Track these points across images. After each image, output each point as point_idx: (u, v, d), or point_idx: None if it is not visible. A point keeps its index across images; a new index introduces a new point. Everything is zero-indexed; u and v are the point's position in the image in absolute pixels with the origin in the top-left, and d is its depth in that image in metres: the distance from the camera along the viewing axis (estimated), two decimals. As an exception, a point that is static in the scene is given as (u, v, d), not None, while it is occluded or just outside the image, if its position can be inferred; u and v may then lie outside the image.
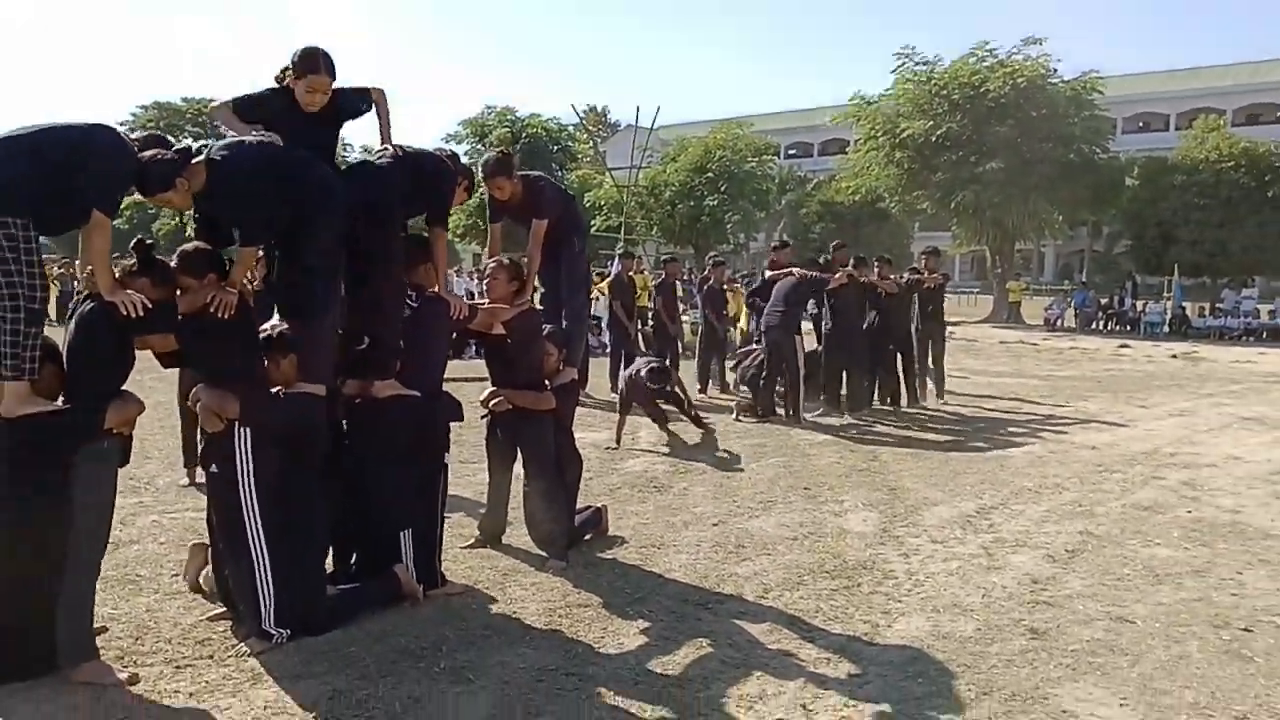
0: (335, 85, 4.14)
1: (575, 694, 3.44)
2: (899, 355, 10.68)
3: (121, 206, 3.88)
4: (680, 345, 12.52)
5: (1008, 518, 6.04)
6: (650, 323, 12.83)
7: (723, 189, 35.05)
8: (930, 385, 11.14)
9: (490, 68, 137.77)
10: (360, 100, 4.30)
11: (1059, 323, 29.31)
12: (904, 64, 29.33)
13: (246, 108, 4.10)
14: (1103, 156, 29.97)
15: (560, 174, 46.07)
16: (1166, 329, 26.51)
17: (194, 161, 3.75)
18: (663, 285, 11.97)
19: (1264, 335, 25.26)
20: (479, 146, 43.75)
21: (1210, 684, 3.60)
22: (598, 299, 12.98)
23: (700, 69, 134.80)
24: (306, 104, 4.09)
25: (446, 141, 45.79)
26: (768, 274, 10.15)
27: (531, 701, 3.37)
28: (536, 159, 42.33)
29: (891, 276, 10.57)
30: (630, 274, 11.97)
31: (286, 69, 4.09)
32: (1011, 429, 9.55)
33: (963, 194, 27.45)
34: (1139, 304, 29.35)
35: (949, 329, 11.79)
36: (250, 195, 3.78)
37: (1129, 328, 27.97)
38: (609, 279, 12.06)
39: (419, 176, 4.30)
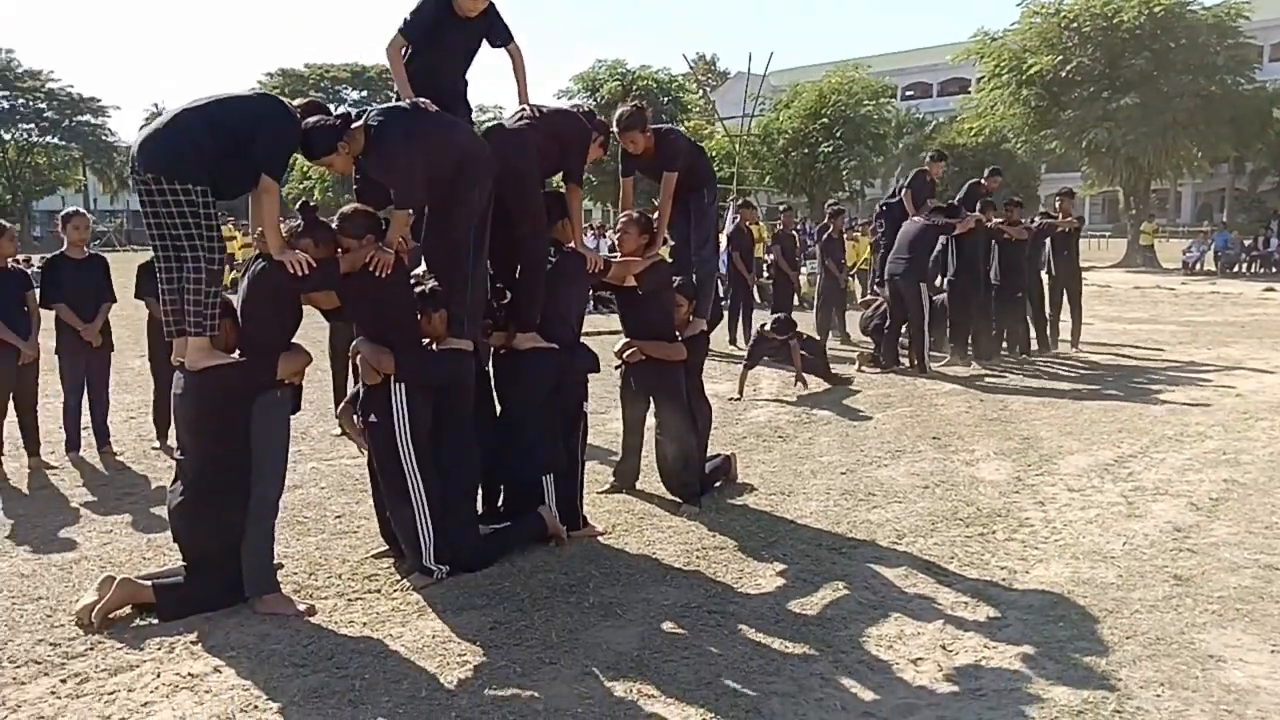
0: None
1: (719, 629, 3.60)
2: (1028, 302, 10.41)
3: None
4: (797, 296, 12.48)
5: (1147, 466, 5.91)
6: (768, 274, 12.80)
7: (838, 134, 34.35)
8: (1064, 333, 10.83)
9: (600, 21, 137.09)
10: (508, 33, 4.54)
11: (1198, 266, 27.80)
12: (1030, -3, 27.98)
13: (411, 29, 4.35)
14: (1248, 88, 28.05)
15: (671, 125, 45.92)
16: (1318, 270, 24.88)
17: (353, 127, 3.98)
18: (781, 235, 11.90)
19: None
20: (590, 101, 43.96)
21: (1369, 633, 3.52)
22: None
23: (813, 10, 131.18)
24: (467, 9, 4.32)
25: (559, 97, 46.15)
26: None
27: (678, 636, 3.55)
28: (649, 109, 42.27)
29: (1021, 221, 10.27)
30: (748, 224, 11.92)
31: None
32: (1150, 376, 9.23)
33: (1095, 132, 26.17)
34: (1287, 244, 27.59)
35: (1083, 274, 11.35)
36: (405, 159, 3.99)
37: (1275, 270, 26.35)
38: (727, 230, 12.02)
39: (557, 138, 4.45)
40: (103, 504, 5.39)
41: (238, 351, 3.91)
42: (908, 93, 58.19)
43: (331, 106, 4.35)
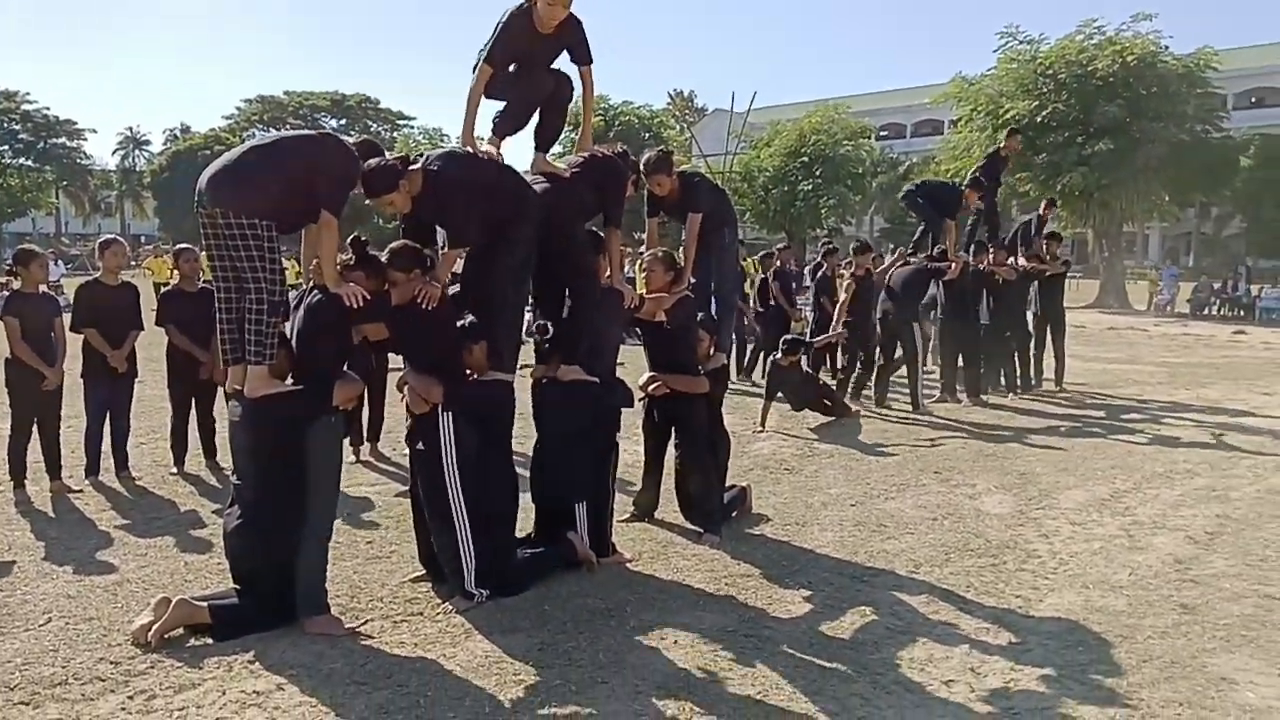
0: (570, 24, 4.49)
1: (758, 652, 3.78)
2: (1015, 342, 10.72)
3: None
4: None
5: (1142, 501, 6.16)
6: (760, 309, 13.04)
7: (817, 173, 34.92)
8: (1047, 372, 11.15)
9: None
10: (588, 54, 4.64)
11: (1169, 308, 28.51)
12: (1007, 43, 28.76)
13: (498, 49, 4.42)
14: (1216, 136, 28.96)
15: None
16: (1285, 314, 25.58)
17: (412, 169, 4.18)
18: (780, 272, 12.20)
19: (1389, 320, 24.20)
20: (571, 135, 44.36)
21: (1366, 659, 3.75)
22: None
23: (791, 50, 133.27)
24: (548, 18, 4.39)
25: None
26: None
27: (720, 658, 3.72)
28: (629, 146, 42.74)
29: (1009, 262, 10.60)
30: (741, 261, 12.19)
31: None
32: (1134, 415, 9.54)
33: (1070, 176, 26.85)
34: (1254, 289, 28.35)
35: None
36: (460, 202, 4.20)
37: (1243, 313, 27.06)
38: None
39: (601, 186, 4.69)
40: (133, 528, 5.47)
41: (292, 379, 4.06)
42: (882, 133, 59.26)
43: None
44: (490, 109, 4.75)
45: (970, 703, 3.38)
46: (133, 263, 24.05)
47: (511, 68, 4.54)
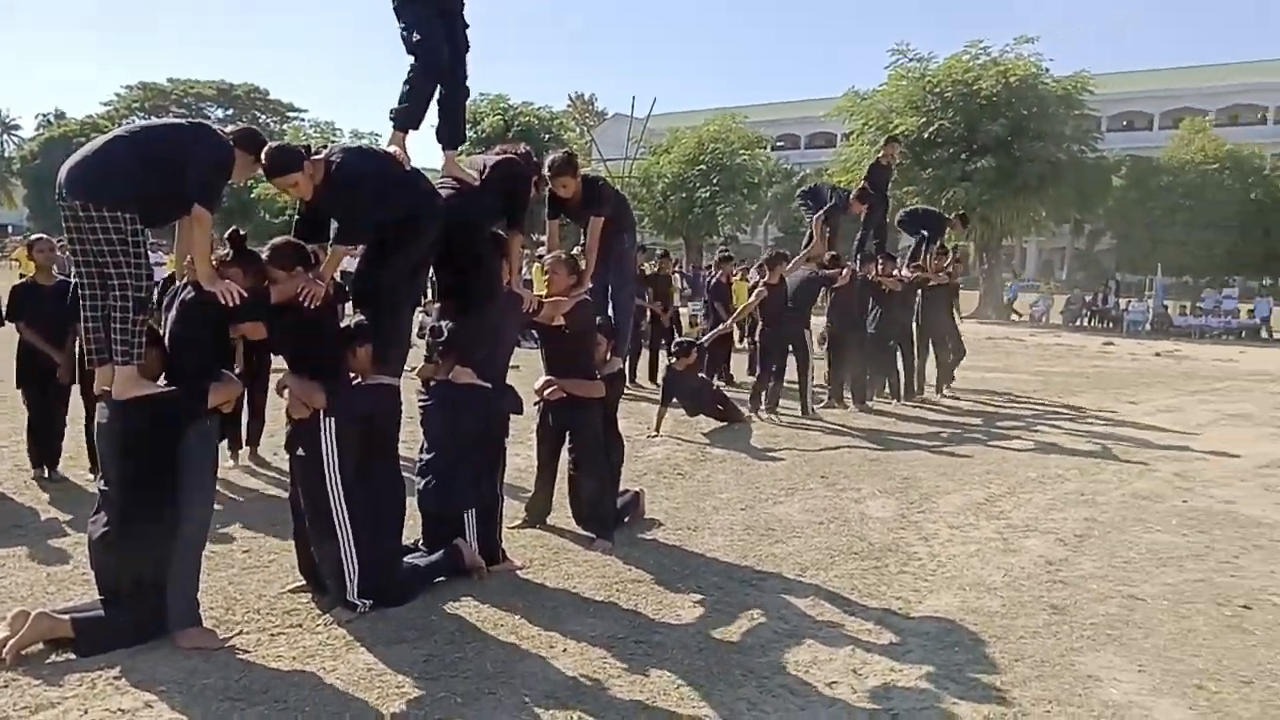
0: None
1: (647, 658, 3.78)
2: (899, 350, 11.05)
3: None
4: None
5: (1016, 505, 6.42)
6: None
7: (715, 181, 35.38)
8: (929, 379, 11.53)
9: (481, 54, 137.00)
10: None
11: (1044, 319, 29.88)
12: (898, 60, 29.74)
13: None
14: (1090, 156, 30.50)
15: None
16: (1149, 327, 27.07)
17: (316, 157, 4.05)
18: (656, 278, 12.37)
19: (1243, 334, 25.89)
20: (471, 134, 43.92)
21: (1217, 654, 3.98)
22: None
23: (691, 57, 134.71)
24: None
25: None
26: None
27: (609, 664, 3.70)
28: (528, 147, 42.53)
29: (895, 273, 10.93)
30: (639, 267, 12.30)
31: None
32: (1010, 422, 9.94)
33: (954, 190, 27.87)
34: (1122, 302, 29.93)
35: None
36: (356, 198, 4.07)
37: (1111, 325, 28.54)
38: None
39: (507, 189, 4.64)
40: (-10, 537, 5.15)
41: (165, 380, 3.88)
42: (778, 143, 60.45)
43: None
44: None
45: (853, 703, 3.45)
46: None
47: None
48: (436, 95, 4.62)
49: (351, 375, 4.28)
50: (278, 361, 5.30)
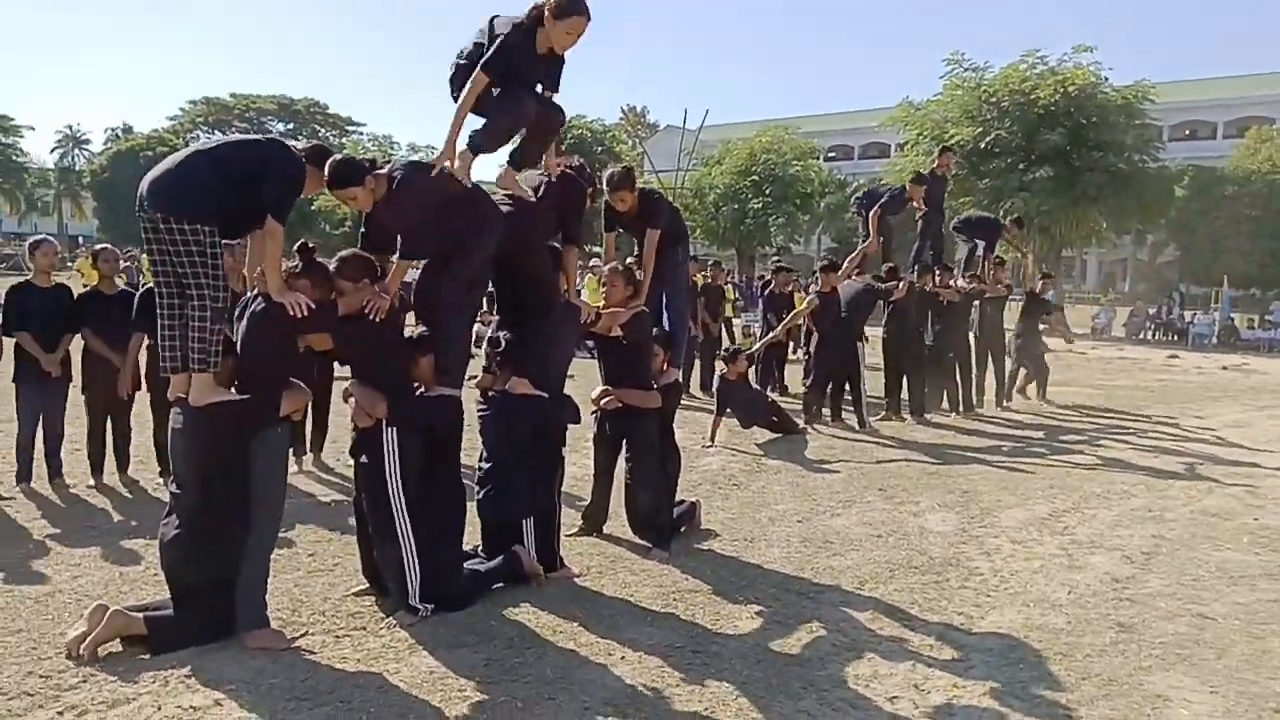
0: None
1: (705, 668, 3.77)
2: (958, 362, 10.91)
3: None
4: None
5: (1080, 521, 6.29)
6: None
7: (767, 192, 35.26)
8: (989, 392, 11.36)
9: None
10: (557, 81, 4.56)
11: (1106, 332, 29.26)
12: (953, 70, 29.37)
13: (495, 60, 4.24)
14: (1152, 166, 29.83)
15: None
16: (1215, 340, 26.39)
17: (379, 172, 4.14)
18: (709, 288, 12.37)
19: (1315, 348, 25.11)
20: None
21: (1294, 676, 3.87)
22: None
23: (742, 71, 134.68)
24: (561, 46, 4.32)
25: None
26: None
27: (667, 674, 3.71)
28: (582, 160, 42.85)
29: (952, 284, 10.80)
30: (693, 277, 12.31)
31: (541, 5, 4.27)
32: (1073, 436, 9.75)
33: (1012, 201, 27.39)
34: (1187, 314, 29.22)
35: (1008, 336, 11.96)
36: (418, 214, 4.16)
37: (1176, 338, 27.87)
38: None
39: (562, 204, 4.70)
40: (66, 537, 5.31)
41: (236, 387, 3.98)
42: (830, 154, 60.03)
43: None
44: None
45: (914, 718, 3.41)
46: (68, 264, 23.46)
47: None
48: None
49: (415, 385, 4.35)
50: (342, 369, 5.40)
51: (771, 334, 10.77)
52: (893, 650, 4.03)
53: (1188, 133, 53.83)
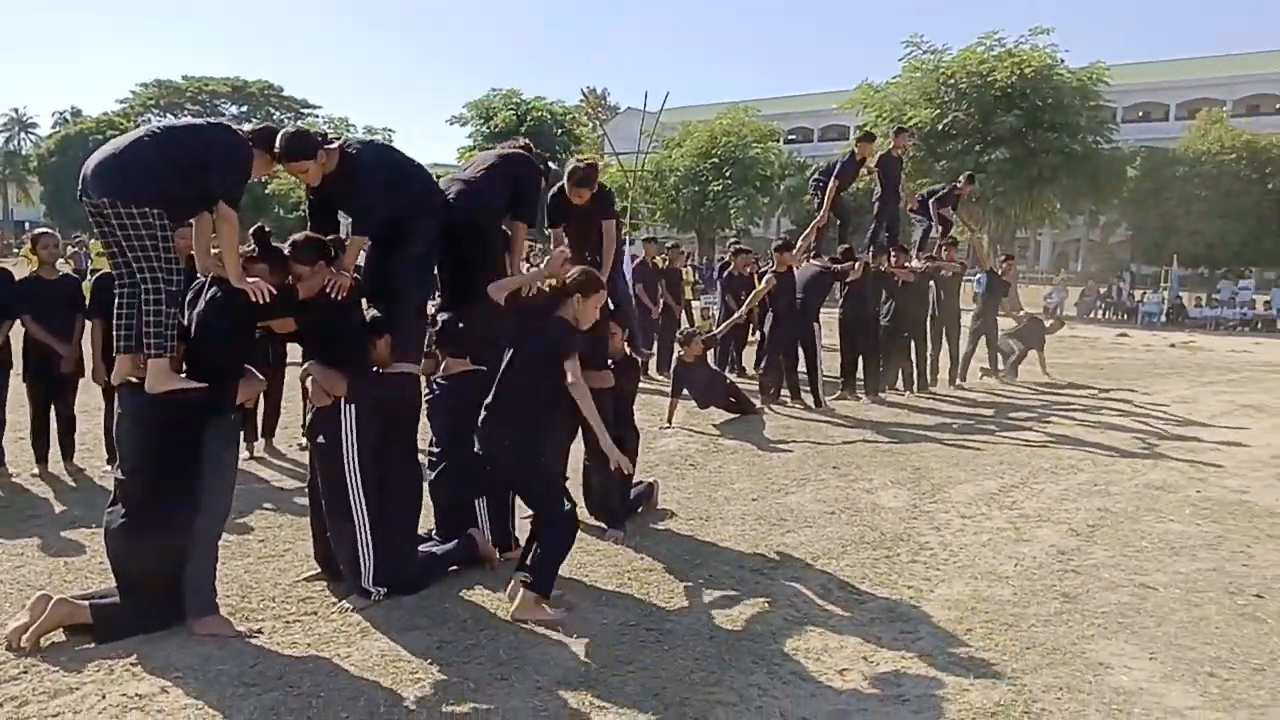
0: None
1: (658, 645, 3.80)
2: (913, 342, 11.02)
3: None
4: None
5: (1029, 495, 6.40)
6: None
7: (727, 174, 35.32)
8: (943, 371, 11.50)
9: (494, 50, 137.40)
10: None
11: (1058, 311, 29.68)
12: (912, 52, 29.59)
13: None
14: (1106, 147, 30.28)
15: (564, 157, 46.37)
16: (1164, 318, 26.89)
17: (329, 147, 4.11)
18: (668, 271, 12.37)
19: (1259, 325, 25.71)
20: (484, 129, 43.99)
21: (1229, 642, 3.98)
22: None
23: (702, 54, 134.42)
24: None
25: (451, 123, 46.06)
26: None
27: (620, 652, 3.73)
28: (540, 143, 42.57)
29: (907, 265, 10.89)
30: (651, 259, 12.32)
31: None
32: (1023, 413, 9.90)
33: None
34: (1137, 293, 29.74)
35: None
36: (370, 189, 4.13)
37: (1126, 316, 28.36)
38: (634, 265, 12.27)
39: (515, 185, 4.69)
40: (8, 526, 5.21)
41: (188, 373, 3.91)
42: (790, 137, 60.18)
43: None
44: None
45: (863, 689, 3.47)
46: (15, 250, 22.92)
47: None
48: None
49: (373, 367, 4.32)
50: (293, 355, 5.34)
51: (734, 316, 10.80)
52: (843, 624, 4.09)
53: (1141, 115, 54.64)
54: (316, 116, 59.03)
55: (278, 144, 4.09)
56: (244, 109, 61.43)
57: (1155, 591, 4.57)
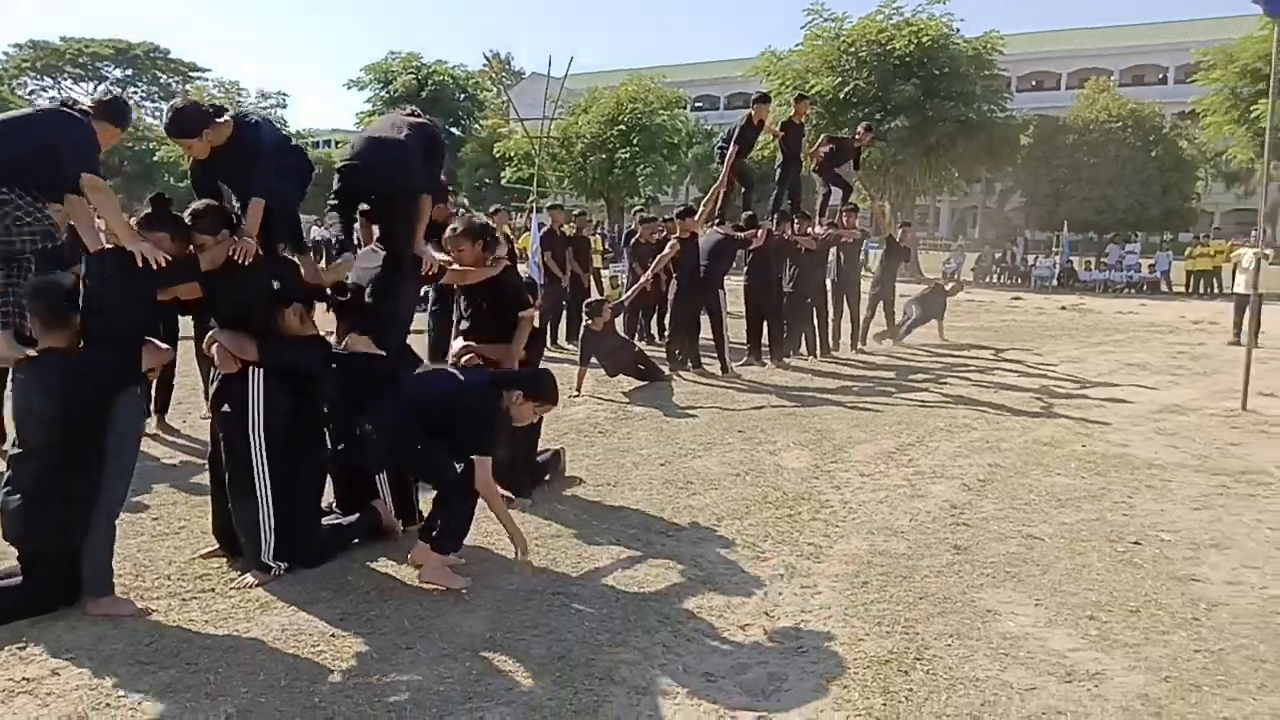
0: None
1: (564, 609, 3.84)
2: (815, 307, 11.24)
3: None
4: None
5: (924, 453, 6.63)
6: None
7: (634, 141, 35.23)
8: (844, 335, 11.78)
9: (394, 11, 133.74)
10: None
11: (956, 276, 30.60)
12: (813, 20, 29.89)
13: None
14: (1000, 115, 31.17)
15: (467, 123, 45.58)
16: (1055, 282, 27.97)
17: (220, 120, 4.01)
18: (574, 239, 12.33)
19: (1144, 288, 26.97)
20: (383, 93, 42.94)
21: (1108, 587, 4.20)
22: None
23: (607, 18, 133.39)
24: None
25: (349, 88, 44.84)
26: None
27: (526, 617, 3.75)
28: (443, 108, 41.76)
29: (810, 232, 11.08)
30: (560, 226, 12.23)
31: None
32: (921, 375, 10.22)
33: (869, 151, 28.23)
34: (1030, 258, 30.83)
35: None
36: (263, 158, 4.08)
37: (1020, 280, 29.41)
38: (542, 233, 12.17)
39: (429, 154, 4.65)
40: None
41: (86, 344, 3.75)
42: (697, 104, 60.35)
43: (93, 85, 4.57)
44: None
45: (764, 643, 3.57)
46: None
47: None
48: None
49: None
50: (184, 330, 5.19)
51: (639, 283, 10.85)
52: (745, 581, 4.19)
53: (1034, 83, 56.39)
54: (205, 80, 56.81)
55: (167, 118, 4.10)
56: (128, 73, 58.65)
57: (1041, 541, 4.79)
